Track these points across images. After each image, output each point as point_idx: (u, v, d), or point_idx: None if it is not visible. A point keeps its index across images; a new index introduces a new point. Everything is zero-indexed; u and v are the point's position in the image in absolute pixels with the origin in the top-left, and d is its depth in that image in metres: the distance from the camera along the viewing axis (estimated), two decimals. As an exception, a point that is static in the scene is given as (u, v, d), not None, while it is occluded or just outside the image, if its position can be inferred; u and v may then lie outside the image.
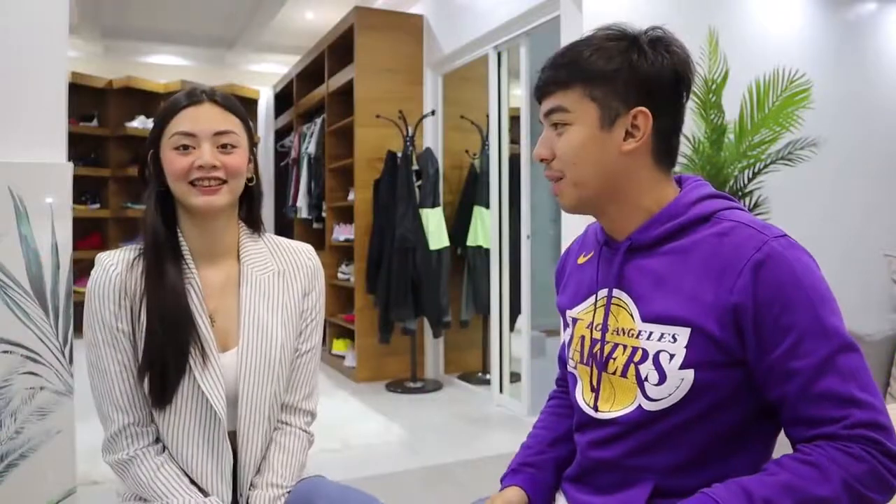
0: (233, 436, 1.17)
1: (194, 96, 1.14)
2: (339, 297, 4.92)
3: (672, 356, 0.90)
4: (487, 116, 4.07)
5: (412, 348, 4.31)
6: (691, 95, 1.03)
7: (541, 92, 1.00)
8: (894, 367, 2.49)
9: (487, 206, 4.09)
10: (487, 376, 4.16)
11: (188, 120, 1.12)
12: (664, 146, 0.98)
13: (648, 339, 0.93)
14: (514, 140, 3.91)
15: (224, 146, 1.13)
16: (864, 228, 3.53)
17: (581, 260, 1.13)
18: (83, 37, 5.74)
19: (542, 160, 1.00)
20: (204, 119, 1.12)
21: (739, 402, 0.91)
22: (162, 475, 1.11)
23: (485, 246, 4.17)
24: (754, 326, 0.86)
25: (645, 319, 0.95)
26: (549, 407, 1.24)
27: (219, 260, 1.20)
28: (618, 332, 0.98)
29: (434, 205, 4.19)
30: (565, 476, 1.09)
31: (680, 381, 0.89)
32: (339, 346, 4.86)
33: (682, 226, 0.96)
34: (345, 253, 4.85)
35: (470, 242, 4.27)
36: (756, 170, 2.85)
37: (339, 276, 4.82)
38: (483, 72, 4.03)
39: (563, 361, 1.21)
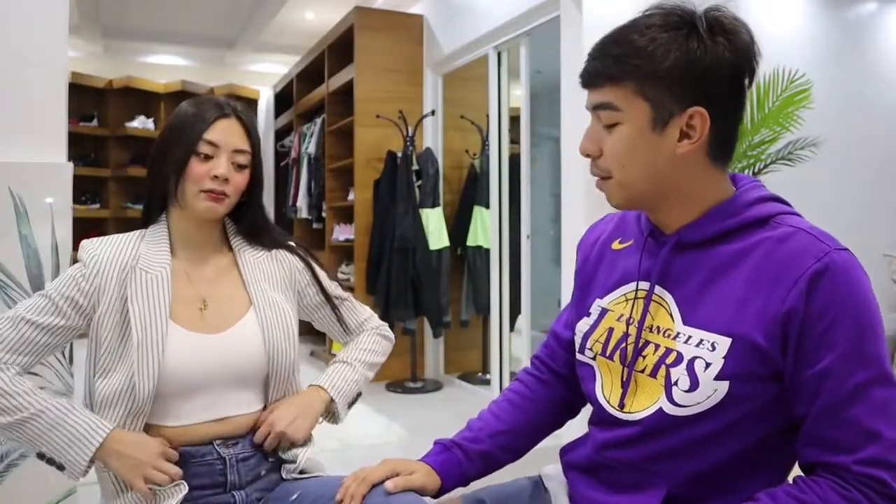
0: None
1: (225, 108, 1.21)
2: (339, 297, 4.91)
3: (708, 365, 0.86)
4: (487, 116, 4.07)
5: (412, 348, 4.30)
6: None
7: (587, 82, 0.92)
8: (894, 366, 2.49)
9: (487, 206, 4.09)
10: (487, 376, 4.16)
11: (217, 131, 1.19)
12: (722, 143, 0.91)
13: (686, 342, 0.89)
14: (514, 140, 3.92)
15: (237, 164, 1.21)
16: (864, 228, 3.53)
17: (617, 245, 1.06)
18: (83, 37, 5.74)
19: (587, 156, 0.94)
20: (229, 133, 1.20)
21: (769, 416, 0.88)
22: (19, 382, 1.11)
23: (485, 246, 4.17)
24: (798, 337, 0.82)
25: (686, 322, 0.90)
26: (512, 391, 1.18)
27: (207, 252, 1.27)
28: (653, 329, 0.93)
29: (434, 205, 4.19)
30: (572, 463, 1.05)
31: (713, 391, 0.85)
32: (338, 347, 4.85)
33: (738, 226, 0.90)
34: (345, 253, 4.85)
35: (470, 242, 4.27)
36: (756, 170, 2.85)
37: (339, 276, 4.81)
38: (483, 72, 4.03)
39: (557, 338, 1.16)
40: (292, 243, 1.37)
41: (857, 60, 3.62)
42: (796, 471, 0.90)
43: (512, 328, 4.01)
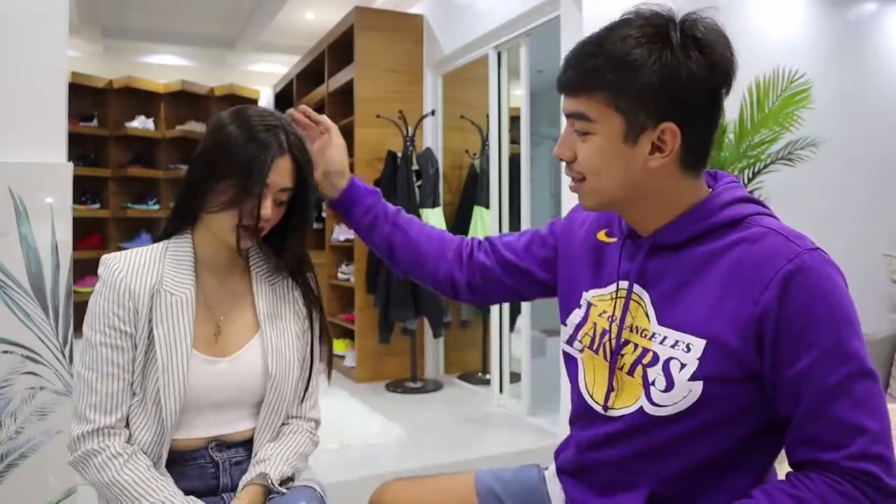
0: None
1: (283, 144, 1.13)
2: (339, 297, 4.92)
3: (683, 365, 0.88)
4: (487, 116, 4.07)
5: (412, 348, 4.30)
6: None
7: (561, 89, 0.94)
8: (894, 367, 2.49)
9: (487, 206, 4.09)
10: (487, 376, 4.16)
11: (274, 173, 1.12)
12: (694, 155, 0.92)
13: (661, 343, 0.91)
14: (514, 140, 3.91)
15: (279, 201, 1.16)
16: (864, 228, 3.53)
17: (603, 237, 1.08)
18: (83, 37, 5.74)
19: (561, 160, 0.96)
20: (282, 174, 1.14)
21: (748, 416, 0.89)
22: (129, 468, 1.10)
23: (485, 246, 4.16)
24: (774, 339, 0.84)
25: (661, 323, 0.92)
26: (442, 231, 1.32)
27: (227, 274, 1.24)
28: (632, 328, 0.96)
29: (434, 205, 4.19)
30: (561, 467, 1.08)
31: (688, 391, 0.87)
32: (339, 346, 4.86)
33: (710, 229, 0.92)
34: (345, 253, 4.85)
35: (470, 242, 4.26)
36: (756, 170, 2.85)
37: (339, 276, 4.81)
38: (483, 72, 4.03)
39: (491, 243, 1.25)
40: (311, 285, 1.30)
41: (857, 60, 3.61)
42: (778, 465, 0.91)
43: (512, 328, 4.00)
